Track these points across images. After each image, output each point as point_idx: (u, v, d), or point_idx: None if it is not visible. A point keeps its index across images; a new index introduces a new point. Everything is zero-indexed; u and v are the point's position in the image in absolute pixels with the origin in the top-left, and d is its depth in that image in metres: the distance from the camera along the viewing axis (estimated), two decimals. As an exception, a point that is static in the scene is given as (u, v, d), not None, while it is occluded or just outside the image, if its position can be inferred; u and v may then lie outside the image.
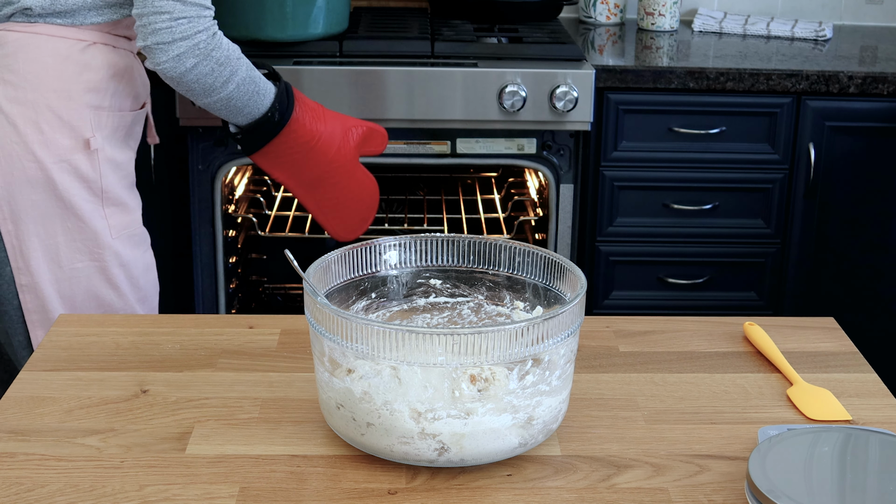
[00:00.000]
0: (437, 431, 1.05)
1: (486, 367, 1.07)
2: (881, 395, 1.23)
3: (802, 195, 2.66)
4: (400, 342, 1.02)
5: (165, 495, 1.03)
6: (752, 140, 2.63)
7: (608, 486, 1.06)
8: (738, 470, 1.08)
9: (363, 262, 1.21)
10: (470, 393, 1.06)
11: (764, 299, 2.75)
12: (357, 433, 1.08)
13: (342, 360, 1.09)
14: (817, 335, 1.37)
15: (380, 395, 1.06)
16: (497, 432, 1.06)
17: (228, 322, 1.38)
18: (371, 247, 1.21)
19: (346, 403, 1.08)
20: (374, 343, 1.03)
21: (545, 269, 1.19)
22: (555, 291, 1.18)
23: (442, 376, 1.06)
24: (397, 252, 1.23)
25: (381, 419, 1.06)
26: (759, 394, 1.23)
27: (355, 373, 1.08)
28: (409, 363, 1.04)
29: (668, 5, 3.00)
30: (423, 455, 1.06)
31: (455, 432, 1.05)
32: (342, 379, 1.08)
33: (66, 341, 1.33)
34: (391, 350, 1.03)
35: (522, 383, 1.08)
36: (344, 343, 1.05)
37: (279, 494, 1.04)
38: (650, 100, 2.59)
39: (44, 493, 1.04)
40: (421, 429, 1.05)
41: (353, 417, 1.07)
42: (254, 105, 1.69)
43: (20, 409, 1.18)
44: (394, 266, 1.23)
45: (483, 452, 1.06)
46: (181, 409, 1.18)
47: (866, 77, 2.58)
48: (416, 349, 1.03)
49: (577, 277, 1.13)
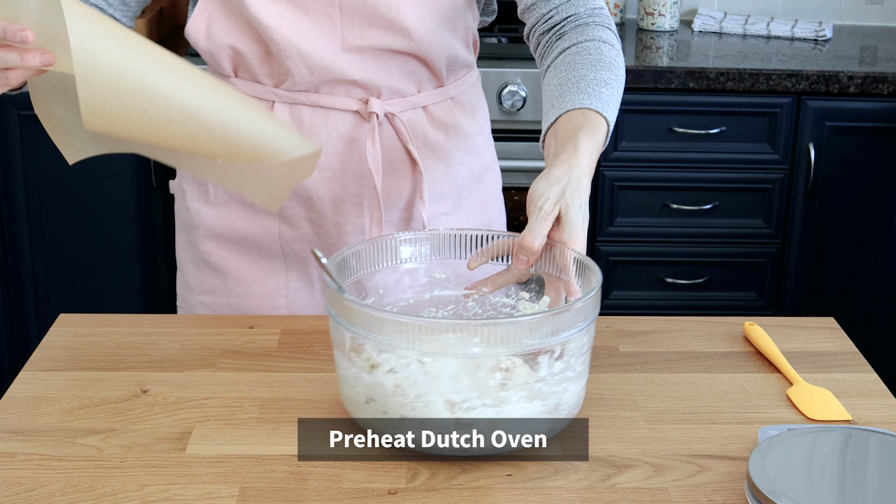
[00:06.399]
0: (472, 421, 1.07)
1: (504, 357, 1.08)
2: (881, 395, 1.23)
3: (802, 195, 2.66)
4: (433, 335, 1.05)
5: (165, 495, 1.03)
6: (752, 140, 2.63)
7: (608, 486, 1.06)
8: (738, 470, 1.08)
9: (377, 257, 1.24)
10: (502, 381, 1.08)
11: (764, 299, 2.75)
12: (389, 427, 1.09)
13: (373, 355, 1.11)
14: (817, 335, 1.37)
15: (413, 388, 1.07)
16: (528, 420, 1.08)
17: (228, 322, 1.38)
18: (385, 241, 1.24)
19: (377, 398, 1.09)
20: (410, 336, 1.05)
21: (552, 260, 1.20)
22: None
23: (474, 367, 1.08)
24: (410, 247, 1.25)
25: (416, 412, 1.07)
26: (759, 394, 1.23)
27: (381, 367, 1.10)
28: (445, 354, 1.06)
29: (668, 5, 3.00)
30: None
31: (490, 420, 1.07)
32: (373, 374, 1.09)
33: (66, 341, 1.33)
34: (424, 343, 1.05)
35: (552, 370, 1.09)
36: (376, 337, 1.06)
37: (279, 494, 1.04)
38: (650, 100, 2.59)
39: (44, 493, 1.04)
40: (456, 419, 1.07)
41: (385, 411, 1.09)
42: None
43: (20, 409, 1.18)
44: (405, 260, 1.25)
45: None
46: (181, 409, 1.19)
47: (866, 77, 2.58)
48: (451, 341, 1.05)
49: (592, 269, 1.15)
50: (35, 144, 2.58)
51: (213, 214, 1.51)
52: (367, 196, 1.46)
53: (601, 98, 1.32)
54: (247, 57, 1.42)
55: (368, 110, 1.43)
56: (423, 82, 1.47)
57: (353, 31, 1.39)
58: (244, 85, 1.45)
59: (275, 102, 1.44)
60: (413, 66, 1.44)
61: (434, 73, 1.46)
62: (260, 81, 1.44)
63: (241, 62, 1.44)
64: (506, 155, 2.57)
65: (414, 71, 1.44)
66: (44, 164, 2.59)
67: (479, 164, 1.57)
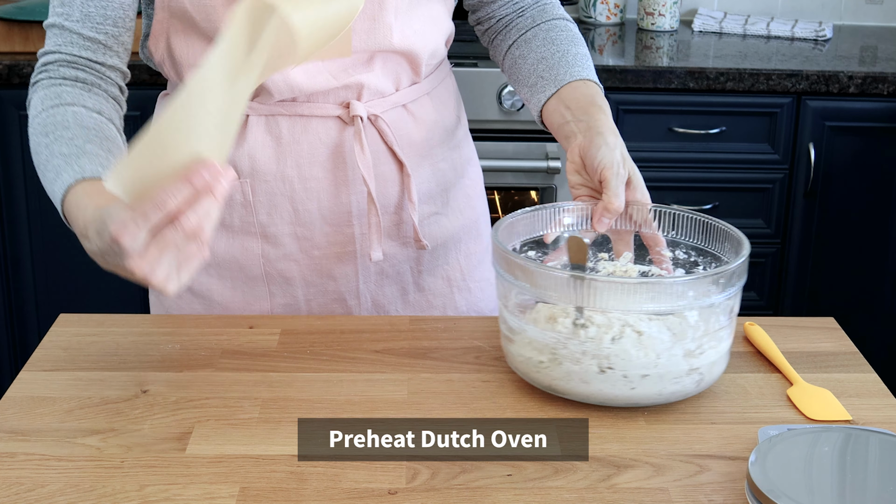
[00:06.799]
0: (700, 365, 1.16)
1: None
2: (881, 395, 1.23)
3: (802, 195, 2.66)
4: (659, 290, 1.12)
5: (166, 495, 1.03)
6: (752, 140, 2.63)
7: (608, 486, 1.06)
8: (738, 470, 1.08)
9: (540, 224, 1.30)
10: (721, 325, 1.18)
11: (764, 299, 2.75)
12: (627, 388, 1.15)
13: (615, 322, 1.16)
14: (817, 335, 1.37)
15: (653, 346, 1.14)
16: (725, 358, 1.21)
17: (228, 322, 1.38)
18: (551, 210, 1.30)
19: (615, 365, 1.14)
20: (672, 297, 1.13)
21: (700, 231, 1.29)
22: (716, 254, 1.28)
23: (708, 314, 1.17)
24: (572, 216, 1.31)
25: (658, 367, 1.14)
26: (759, 394, 1.23)
27: (608, 334, 1.15)
28: (691, 308, 1.15)
29: (668, 5, 3.00)
30: (686, 390, 1.17)
31: (711, 361, 1.17)
32: (616, 342, 1.14)
33: (66, 341, 1.33)
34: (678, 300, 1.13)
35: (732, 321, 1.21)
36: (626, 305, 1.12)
37: (279, 494, 1.04)
38: (650, 100, 2.59)
39: (44, 493, 1.04)
40: (690, 366, 1.15)
41: (625, 375, 1.14)
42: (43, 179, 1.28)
43: (20, 409, 1.18)
44: (565, 227, 1.31)
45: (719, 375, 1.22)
46: (181, 409, 1.18)
47: (866, 77, 2.58)
48: (692, 295, 1.14)
49: (738, 237, 1.23)
50: (35, 144, 2.58)
51: None
52: (357, 204, 1.42)
53: (591, 70, 1.42)
54: None
55: (351, 114, 1.39)
56: (402, 80, 1.44)
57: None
58: None
59: (248, 116, 1.39)
60: (394, 62, 1.41)
61: (414, 70, 1.44)
62: None
63: None
64: (506, 155, 2.57)
65: (394, 69, 1.42)
66: (44, 164, 2.59)
67: (461, 158, 1.55)
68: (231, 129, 1.05)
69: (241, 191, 1.42)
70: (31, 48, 2.60)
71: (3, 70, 2.53)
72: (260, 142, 1.41)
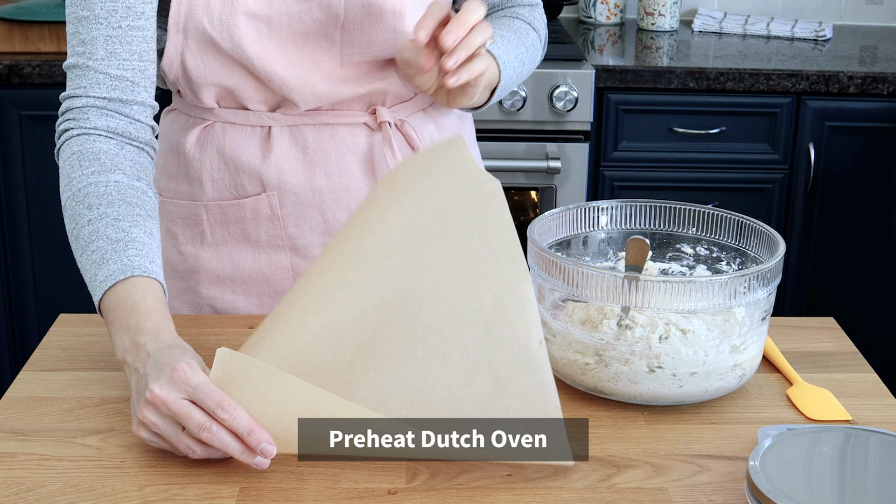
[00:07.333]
0: (743, 360, 1.18)
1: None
2: (881, 395, 1.23)
3: (802, 195, 2.66)
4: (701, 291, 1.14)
5: (166, 495, 1.03)
6: (752, 140, 2.63)
7: (608, 486, 1.06)
8: (738, 470, 1.08)
9: (577, 223, 1.32)
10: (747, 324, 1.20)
11: (764, 299, 2.75)
12: (675, 386, 1.16)
13: (659, 323, 1.17)
14: (817, 335, 1.37)
15: (701, 343, 1.16)
16: (761, 353, 1.23)
17: (228, 322, 1.38)
18: (587, 209, 1.32)
19: (665, 364, 1.15)
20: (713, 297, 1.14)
21: (739, 232, 1.31)
22: (742, 250, 1.30)
23: (726, 314, 1.20)
24: (607, 215, 1.32)
25: (706, 364, 1.16)
26: (759, 394, 1.23)
27: (655, 334, 1.16)
28: (740, 304, 1.17)
29: (668, 5, 3.00)
30: (730, 385, 1.19)
31: (753, 356, 1.20)
32: (664, 342, 1.15)
33: (66, 341, 1.33)
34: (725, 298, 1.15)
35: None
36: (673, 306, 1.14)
37: (279, 494, 1.04)
38: (650, 100, 2.59)
39: (44, 493, 1.04)
40: (734, 362, 1.17)
41: (674, 373, 1.15)
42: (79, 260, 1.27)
43: (20, 409, 1.18)
44: (601, 228, 1.33)
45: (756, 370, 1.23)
46: (181, 409, 1.18)
47: (866, 77, 2.58)
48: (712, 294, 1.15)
49: (774, 236, 1.24)
50: (35, 144, 2.58)
51: (214, 257, 1.44)
52: None
53: (509, 53, 1.39)
54: (237, 91, 1.36)
55: (379, 120, 1.39)
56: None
57: (353, 47, 1.35)
58: (231, 113, 1.39)
59: (271, 127, 1.38)
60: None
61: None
62: (250, 109, 1.38)
63: (227, 96, 1.38)
64: (506, 155, 2.57)
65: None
66: (44, 165, 2.59)
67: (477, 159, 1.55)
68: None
69: (267, 203, 1.41)
70: (31, 48, 2.60)
71: (3, 70, 2.53)
72: (286, 153, 1.39)
